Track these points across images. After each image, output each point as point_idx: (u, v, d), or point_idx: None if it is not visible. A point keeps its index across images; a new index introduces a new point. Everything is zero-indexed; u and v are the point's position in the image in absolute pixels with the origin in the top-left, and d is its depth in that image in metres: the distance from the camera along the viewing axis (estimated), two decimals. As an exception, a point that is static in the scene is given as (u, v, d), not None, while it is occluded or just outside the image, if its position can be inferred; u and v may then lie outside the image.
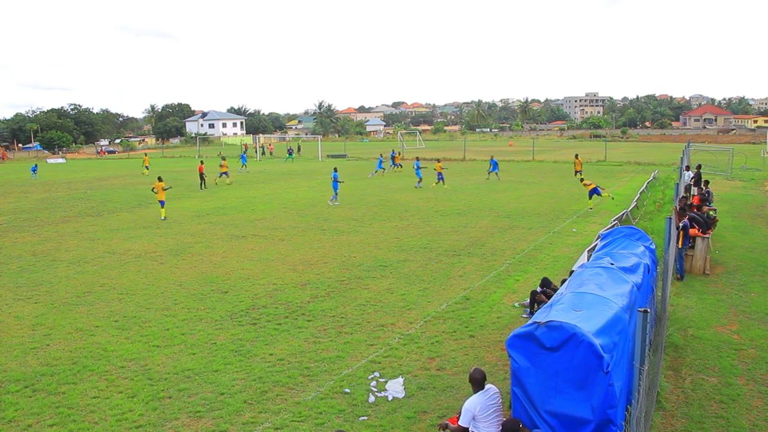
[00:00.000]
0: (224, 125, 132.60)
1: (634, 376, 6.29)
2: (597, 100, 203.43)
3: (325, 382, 9.31)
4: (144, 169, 48.82)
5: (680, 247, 14.28)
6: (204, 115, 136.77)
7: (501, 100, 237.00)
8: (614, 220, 19.46)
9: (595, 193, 25.43)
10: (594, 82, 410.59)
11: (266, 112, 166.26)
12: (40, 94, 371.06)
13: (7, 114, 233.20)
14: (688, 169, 27.97)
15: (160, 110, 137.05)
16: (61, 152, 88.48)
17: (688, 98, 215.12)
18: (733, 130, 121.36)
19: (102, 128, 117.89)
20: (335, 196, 27.99)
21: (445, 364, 9.89)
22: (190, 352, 10.55)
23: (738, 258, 16.48)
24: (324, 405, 8.56)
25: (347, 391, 8.98)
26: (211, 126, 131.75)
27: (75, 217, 25.97)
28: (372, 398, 8.76)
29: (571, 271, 10.48)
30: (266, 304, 13.17)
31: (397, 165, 45.08)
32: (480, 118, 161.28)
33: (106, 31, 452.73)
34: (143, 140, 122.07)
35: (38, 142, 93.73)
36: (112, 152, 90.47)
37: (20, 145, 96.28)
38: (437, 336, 11.12)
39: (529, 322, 7.00)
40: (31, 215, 26.91)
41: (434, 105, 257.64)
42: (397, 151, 49.21)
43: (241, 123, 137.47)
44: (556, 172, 41.58)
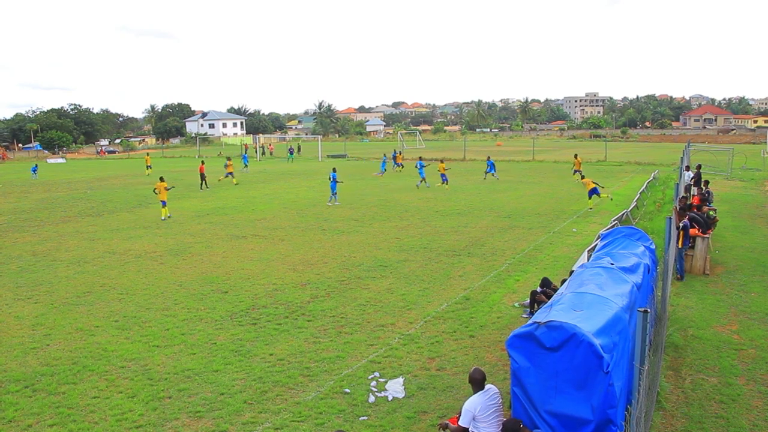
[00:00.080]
0: (224, 125, 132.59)
1: (634, 376, 6.30)
2: (597, 100, 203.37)
3: (325, 382, 9.31)
4: (146, 168, 48.87)
5: (680, 247, 14.29)
6: (204, 115, 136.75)
7: (501, 100, 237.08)
8: (614, 220, 19.46)
9: (595, 194, 25.42)
10: (594, 82, 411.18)
11: (266, 112, 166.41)
12: (40, 94, 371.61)
13: (7, 114, 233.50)
14: (688, 169, 27.97)
15: (160, 110, 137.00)
16: (61, 152, 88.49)
17: (688, 98, 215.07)
18: (733, 130, 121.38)
19: (102, 128, 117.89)
20: (334, 197, 27.98)
21: (445, 364, 9.89)
22: (190, 352, 10.55)
23: (738, 258, 16.48)
24: (324, 405, 8.57)
25: (347, 391, 8.98)
26: (211, 126, 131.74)
27: (75, 217, 25.97)
28: (372, 398, 8.76)
29: (571, 271, 10.48)
30: (266, 304, 13.17)
31: (399, 165, 45.12)
32: (480, 118, 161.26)
33: (106, 31, 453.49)
34: (143, 140, 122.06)
35: (38, 142, 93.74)
36: (112, 152, 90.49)
37: (20, 145, 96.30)
38: (437, 336, 11.12)
39: (529, 322, 7.00)
40: (31, 215, 26.91)
41: (434, 105, 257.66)
42: (398, 151, 49.23)
43: (241, 123, 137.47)
44: (556, 172, 41.57)
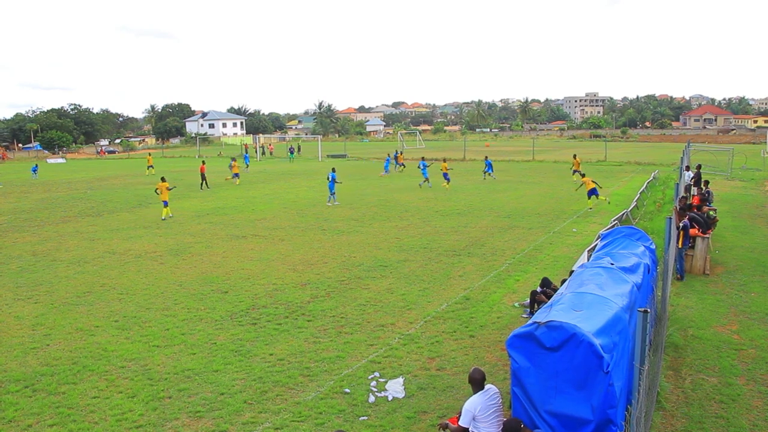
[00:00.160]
0: (224, 125, 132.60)
1: (634, 376, 6.30)
2: (597, 100, 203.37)
3: (325, 382, 9.31)
4: (147, 168, 48.92)
5: (680, 247, 14.29)
6: (204, 115, 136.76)
7: (501, 100, 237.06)
8: (614, 220, 19.46)
9: (594, 194, 25.43)
10: (594, 82, 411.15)
11: (266, 112, 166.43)
12: (40, 94, 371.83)
13: (7, 114, 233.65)
14: (688, 169, 27.97)
15: (160, 110, 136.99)
16: (61, 152, 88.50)
17: (688, 98, 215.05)
18: (733, 130, 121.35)
19: (102, 128, 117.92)
20: (332, 196, 27.99)
21: (445, 364, 9.89)
22: (190, 352, 10.55)
23: (738, 258, 16.48)
24: (324, 405, 8.57)
25: (347, 391, 8.98)
26: (211, 126, 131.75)
27: (75, 217, 25.97)
28: (372, 398, 8.76)
29: (571, 271, 10.48)
30: (266, 304, 13.17)
31: (400, 165, 45.14)
32: (480, 118, 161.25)
33: (106, 31, 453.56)
34: (143, 140, 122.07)
35: (38, 142, 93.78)
36: (112, 152, 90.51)
37: (20, 145, 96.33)
38: (437, 336, 11.12)
39: (529, 322, 7.00)
40: (31, 215, 26.91)
41: (434, 105, 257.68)
42: (400, 151, 49.22)
43: (241, 123, 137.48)
44: (556, 172, 41.56)
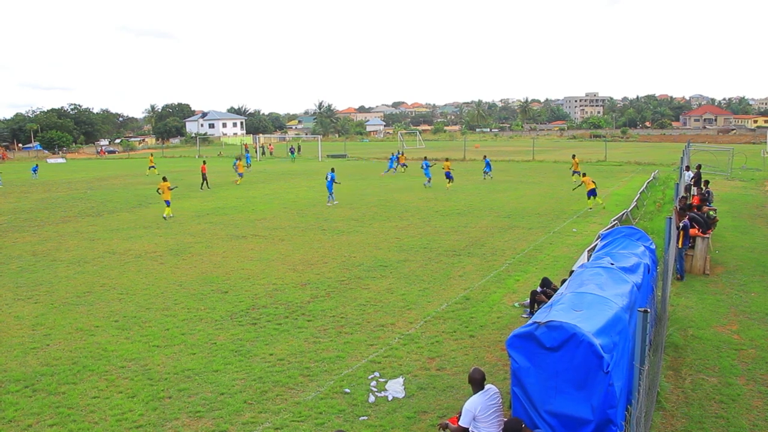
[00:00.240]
0: (224, 125, 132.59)
1: (634, 376, 6.30)
2: (597, 100, 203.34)
3: (325, 382, 9.31)
4: (148, 168, 49.01)
5: (680, 247, 14.28)
6: (204, 115, 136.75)
7: (501, 100, 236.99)
8: (614, 220, 19.46)
9: (593, 195, 25.44)
10: (594, 82, 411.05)
11: (266, 112, 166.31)
12: (40, 94, 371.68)
13: (7, 114, 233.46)
14: (688, 169, 27.96)
15: (160, 110, 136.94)
16: (61, 152, 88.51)
17: (688, 98, 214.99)
18: (733, 130, 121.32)
19: (102, 128, 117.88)
20: (331, 196, 28.01)
21: (445, 364, 9.89)
22: (190, 352, 10.55)
23: (738, 258, 16.48)
24: (324, 405, 8.57)
25: (347, 391, 8.98)
26: (211, 126, 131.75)
27: (75, 217, 25.97)
28: (372, 398, 8.76)
29: (571, 271, 10.48)
30: (266, 304, 13.17)
31: (402, 165, 45.18)
32: (480, 118, 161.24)
33: (106, 31, 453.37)
34: (143, 140, 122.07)
35: (38, 142, 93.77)
36: (112, 152, 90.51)
37: (20, 145, 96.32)
38: (437, 336, 11.12)
39: (529, 322, 7.00)
40: (31, 215, 26.92)
41: (434, 105, 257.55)
42: (401, 152, 49.21)
43: (241, 123, 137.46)
44: (556, 172, 41.55)
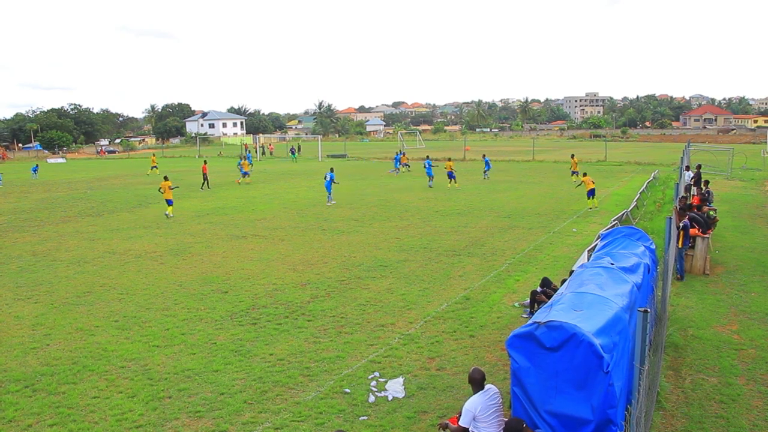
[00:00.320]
0: (224, 125, 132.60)
1: (634, 376, 6.29)
2: (597, 100, 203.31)
3: (325, 382, 9.31)
4: (151, 169, 49.08)
5: (680, 247, 14.28)
6: (204, 115, 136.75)
7: (501, 100, 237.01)
8: (614, 220, 19.46)
9: (592, 195, 25.44)
10: (594, 82, 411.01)
11: (266, 112, 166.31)
12: (40, 94, 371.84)
13: (7, 114, 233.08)
14: (688, 169, 27.95)
15: (160, 110, 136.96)
16: (61, 152, 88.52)
17: (688, 98, 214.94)
18: (733, 130, 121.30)
19: (102, 128, 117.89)
20: (330, 197, 28.03)
21: (445, 364, 9.89)
22: (190, 352, 10.55)
23: (738, 258, 16.48)
24: (324, 405, 8.57)
25: (347, 391, 8.98)
26: (211, 126, 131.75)
27: (75, 217, 25.97)
28: (372, 398, 8.76)
29: (571, 271, 10.47)
30: (266, 304, 13.17)
31: (405, 165, 45.18)
32: (480, 118, 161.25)
33: (106, 31, 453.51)
34: (143, 140, 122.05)
35: (38, 142, 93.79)
36: (112, 152, 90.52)
37: (20, 145, 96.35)
38: (437, 336, 11.12)
39: (529, 322, 7.00)
40: (31, 215, 26.92)
41: (434, 105, 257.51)
42: (403, 152, 49.19)
43: (241, 123, 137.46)
44: (556, 172, 41.55)
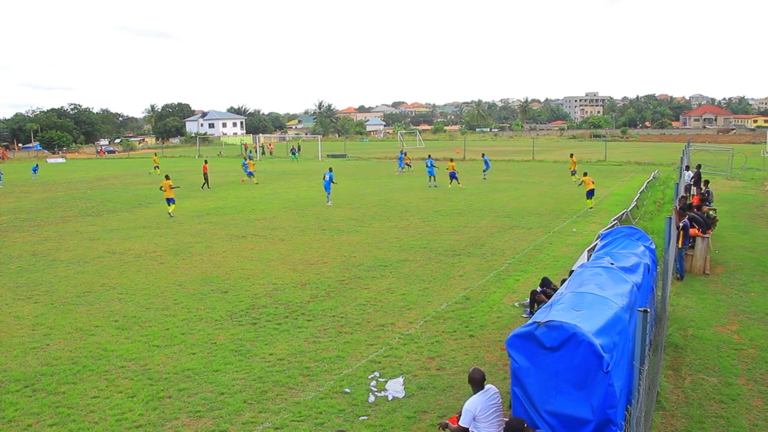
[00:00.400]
0: (224, 125, 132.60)
1: (634, 376, 6.29)
2: (597, 100, 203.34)
3: (325, 382, 9.31)
4: (153, 169, 49.14)
5: (680, 247, 14.28)
6: (204, 114, 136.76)
7: (501, 100, 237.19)
8: (614, 220, 19.45)
9: (592, 195, 25.43)
10: (594, 82, 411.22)
11: (266, 112, 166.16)
12: (40, 94, 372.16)
13: (7, 114, 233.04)
14: (688, 168, 27.96)
15: (160, 110, 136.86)
16: (61, 152, 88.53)
17: (688, 98, 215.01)
18: (733, 130, 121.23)
19: (102, 128, 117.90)
20: (329, 197, 28.04)
21: (445, 364, 9.89)
22: (190, 352, 10.55)
23: (738, 258, 16.48)
24: (324, 405, 8.57)
25: (347, 391, 8.98)
26: (211, 126, 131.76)
27: (75, 217, 25.97)
28: (372, 398, 8.76)
29: (571, 271, 10.47)
30: (266, 304, 13.17)
31: (406, 165, 45.16)
32: (480, 118, 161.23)
33: (106, 31, 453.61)
34: (143, 140, 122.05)
35: (38, 142, 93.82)
36: (112, 152, 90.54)
37: (20, 145, 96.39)
38: (437, 336, 11.12)
39: (529, 321, 7.00)
40: (31, 215, 26.92)
41: (434, 105, 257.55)
42: (404, 152, 49.15)
43: (241, 123, 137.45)
44: (556, 172, 41.55)
